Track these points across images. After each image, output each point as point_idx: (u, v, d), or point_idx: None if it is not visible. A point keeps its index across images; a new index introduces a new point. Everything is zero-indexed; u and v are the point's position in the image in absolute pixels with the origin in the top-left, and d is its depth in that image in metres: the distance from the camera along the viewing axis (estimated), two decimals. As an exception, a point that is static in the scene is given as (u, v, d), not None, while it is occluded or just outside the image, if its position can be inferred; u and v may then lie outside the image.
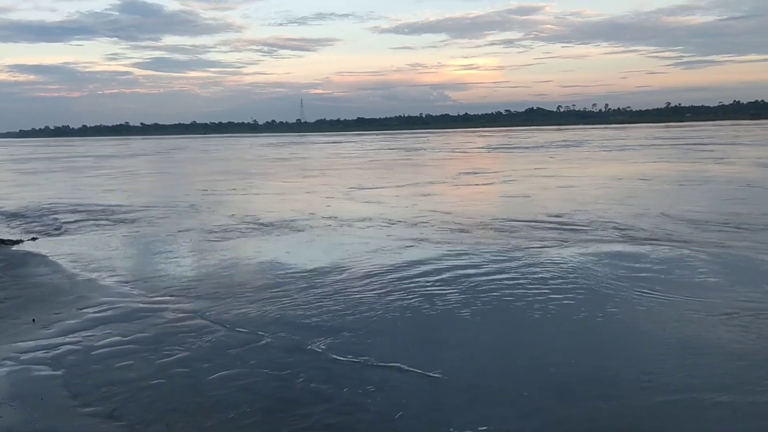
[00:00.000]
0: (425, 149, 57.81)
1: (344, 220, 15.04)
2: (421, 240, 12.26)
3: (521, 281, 9.05)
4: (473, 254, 10.85)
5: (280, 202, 19.24)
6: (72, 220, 16.31)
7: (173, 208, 18.36)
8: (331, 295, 8.61)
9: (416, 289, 8.73)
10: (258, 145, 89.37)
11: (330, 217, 15.46)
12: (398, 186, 23.27)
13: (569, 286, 8.73)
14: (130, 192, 23.95)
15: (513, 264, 10.07)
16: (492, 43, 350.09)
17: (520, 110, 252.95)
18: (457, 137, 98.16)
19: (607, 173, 26.14)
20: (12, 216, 17.52)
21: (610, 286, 8.68)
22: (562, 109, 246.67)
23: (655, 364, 6.06)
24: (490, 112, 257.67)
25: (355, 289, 8.82)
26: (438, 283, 9.02)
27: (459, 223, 14.03)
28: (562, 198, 18.19)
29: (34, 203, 20.27)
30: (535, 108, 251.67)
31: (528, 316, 7.60)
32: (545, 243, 11.61)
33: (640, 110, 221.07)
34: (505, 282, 9.01)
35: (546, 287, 8.70)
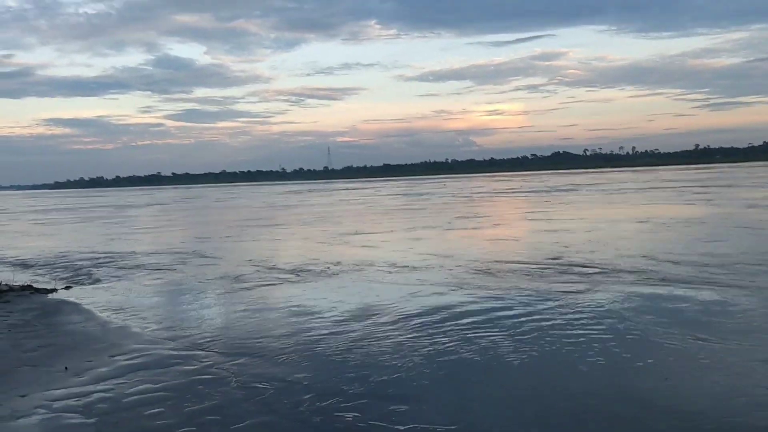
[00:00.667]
0: (433, 194, 57.97)
1: (332, 264, 15.05)
2: (411, 284, 12.20)
3: (539, 324, 8.91)
4: (475, 297, 10.74)
5: (281, 248, 19.35)
6: (100, 268, 16.58)
7: (188, 255, 18.56)
8: (357, 342, 8.56)
9: (438, 337, 8.64)
10: (276, 192, 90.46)
11: (318, 263, 15.48)
12: (391, 231, 23.50)
13: (598, 330, 8.57)
14: (147, 241, 24.31)
15: (521, 308, 9.94)
16: (516, 89, 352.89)
17: (546, 154, 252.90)
18: (475, 182, 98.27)
19: (600, 216, 25.84)
20: (41, 265, 17.86)
21: (647, 330, 8.50)
22: (588, 153, 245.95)
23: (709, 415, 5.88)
24: (516, 157, 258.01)
25: (374, 337, 8.76)
26: (457, 329, 8.92)
27: (454, 267, 13.94)
28: (553, 241, 18.01)
29: (60, 252, 20.67)
30: (561, 152, 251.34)
31: (567, 363, 7.45)
32: (536, 285, 11.46)
33: (668, 152, 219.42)
34: (520, 326, 8.89)
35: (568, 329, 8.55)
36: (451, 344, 8.25)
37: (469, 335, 8.61)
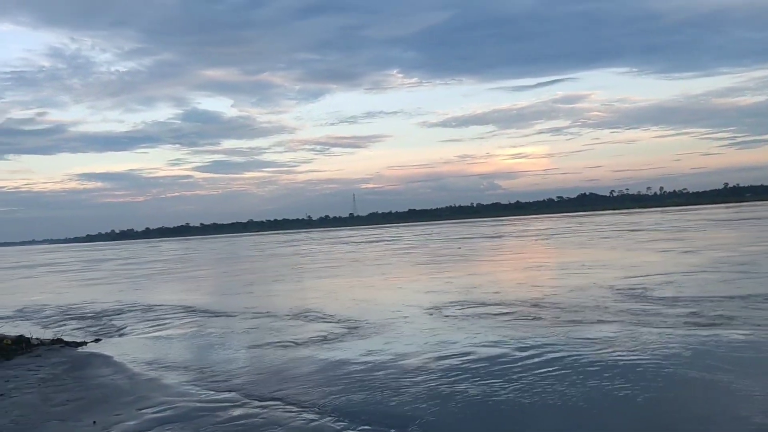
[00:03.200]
0: (432, 238, 57.61)
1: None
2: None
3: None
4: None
5: (304, 297, 19.28)
6: (128, 320, 16.68)
7: (208, 306, 18.61)
8: (390, 387, 8.42)
9: (468, 380, 8.46)
10: (292, 240, 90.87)
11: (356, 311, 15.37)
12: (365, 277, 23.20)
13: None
14: (168, 291, 24.46)
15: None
16: (540, 132, 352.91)
17: (572, 196, 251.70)
18: (487, 227, 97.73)
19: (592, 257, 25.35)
20: (71, 318, 18.03)
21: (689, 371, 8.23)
22: (615, 194, 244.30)
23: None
24: (541, 199, 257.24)
25: (397, 379, 8.61)
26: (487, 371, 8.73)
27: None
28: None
29: (85, 305, 20.89)
30: (587, 193, 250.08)
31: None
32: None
33: (697, 192, 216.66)
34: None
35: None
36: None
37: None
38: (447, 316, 13.98)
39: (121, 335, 14.42)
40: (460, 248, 42.22)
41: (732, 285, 15.83)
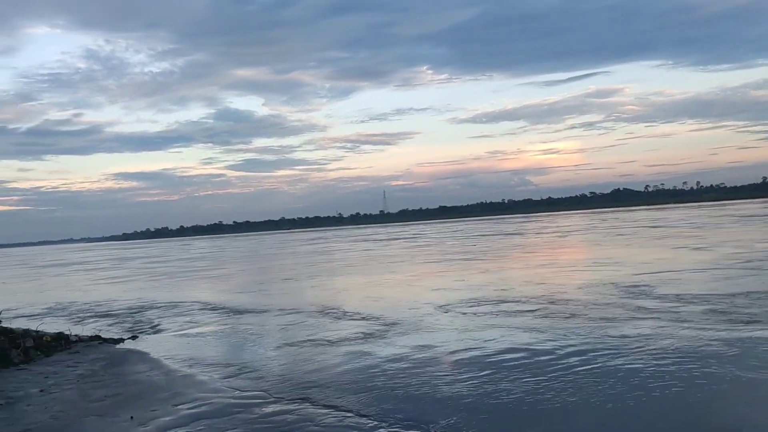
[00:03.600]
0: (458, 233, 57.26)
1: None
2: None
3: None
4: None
5: (338, 296, 19.35)
6: (163, 317, 16.98)
7: (242, 303, 18.81)
8: (422, 384, 8.43)
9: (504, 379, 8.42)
10: (318, 238, 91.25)
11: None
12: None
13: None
14: (205, 289, 24.79)
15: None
16: (571, 127, 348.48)
17: (605, 191, 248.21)
18: (511, 224, 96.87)
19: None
20: (106, 315, 18.41)
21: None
22: (650, 189, 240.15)
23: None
24: (574, 195, 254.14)
25: (440, 378, 8.61)
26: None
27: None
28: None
29: (122, 302, 21.31)
30: (621, 189, 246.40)
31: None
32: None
33: (735, 186, 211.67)
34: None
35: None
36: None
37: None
38: (448, 313, 13.95)
39: (156, 332, 14.68)
40: (475, 245, 42.16)
41: (737, 283, 15.52)
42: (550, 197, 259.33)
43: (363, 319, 14.40)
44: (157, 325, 15.77)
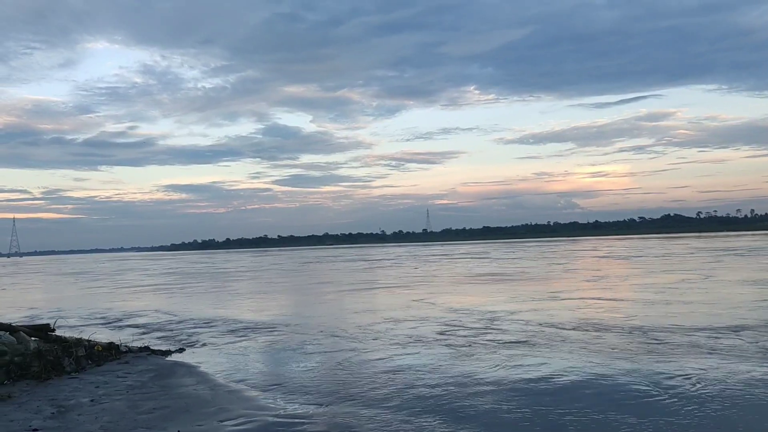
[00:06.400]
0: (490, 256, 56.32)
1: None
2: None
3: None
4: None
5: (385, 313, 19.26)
6: (211, 331, 17.20)
7: (294, 318, 18.89)
8: (465, 405, 8.28)
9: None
10: (359, 254, 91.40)
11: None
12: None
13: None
14: (250, 305, 25.02)
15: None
16: (621, 150, 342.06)
17: (655, 217, 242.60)
18: (535, 247, 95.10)
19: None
20: (149, 328, 18.75)
21: None
22: (702, 216, 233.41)
23: None
24: (622, 220, 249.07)
25: (472, 399, 8.44)
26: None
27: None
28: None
29: (168, 314, 21.68)
30: (672, 215, 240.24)
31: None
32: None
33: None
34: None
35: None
36: None
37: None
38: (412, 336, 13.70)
39: (203, 345, 14.87)
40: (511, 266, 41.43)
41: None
42: (597, 221, 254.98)
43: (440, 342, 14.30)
44: (203, 338, 15.97)
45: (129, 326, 18.95)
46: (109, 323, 19.86)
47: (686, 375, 9.94)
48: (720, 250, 57.50)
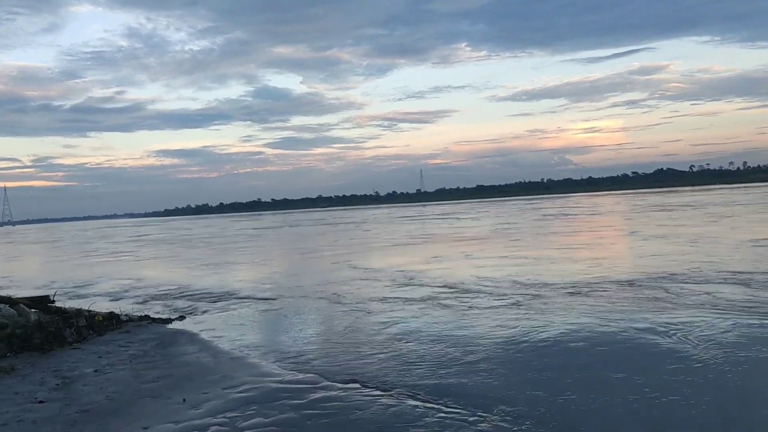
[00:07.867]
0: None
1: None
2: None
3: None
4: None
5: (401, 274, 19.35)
6: (210, 298, 17.25)
7: (296, 285, 18.96)
8: (471, 366, 8.37)
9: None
10: (348, 216, 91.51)
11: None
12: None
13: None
14: (250, 269, 25.08)
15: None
16: (614, 105, 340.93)
17: (648, 171, 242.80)
18: (524, 205, 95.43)
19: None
20: (148, 295, 18.80)
21: None
22: (695, 169, 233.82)
23: None
24: (615, 175, 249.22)
25: (475, 357, 8.53)
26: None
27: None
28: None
29: (167, 282, 21.72)
30: (664, 169, 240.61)
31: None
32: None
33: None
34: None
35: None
36: None
37: None
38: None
39: (204, 312, 14.92)
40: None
41: None
42: (590, 177, 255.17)
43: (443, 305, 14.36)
44: (203, 305, 16.02)
45: (120, 294, 18.99)
46: (109, 294, 19.88)
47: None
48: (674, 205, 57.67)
